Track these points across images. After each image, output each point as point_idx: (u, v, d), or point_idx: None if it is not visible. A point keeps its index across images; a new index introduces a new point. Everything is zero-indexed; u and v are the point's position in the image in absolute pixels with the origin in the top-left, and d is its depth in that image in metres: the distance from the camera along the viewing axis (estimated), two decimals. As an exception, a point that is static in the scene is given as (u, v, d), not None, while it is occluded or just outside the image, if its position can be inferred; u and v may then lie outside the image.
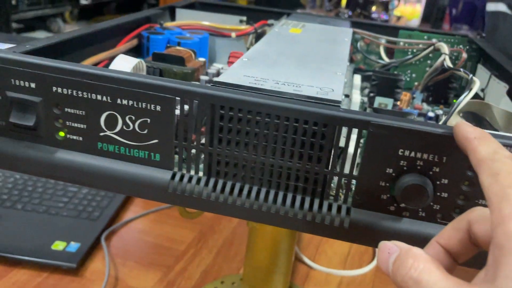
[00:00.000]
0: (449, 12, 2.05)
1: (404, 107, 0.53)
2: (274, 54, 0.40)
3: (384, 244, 0.22)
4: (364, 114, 0.27)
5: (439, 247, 0.23)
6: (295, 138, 0.28)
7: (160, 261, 0.72)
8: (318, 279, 0.71)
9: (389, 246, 0.22)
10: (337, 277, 0.72)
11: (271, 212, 0.30)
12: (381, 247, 0.22)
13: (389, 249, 0.22)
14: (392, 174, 0.28)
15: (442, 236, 0.23)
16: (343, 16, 1.48)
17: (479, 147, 0.22)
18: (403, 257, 0.21)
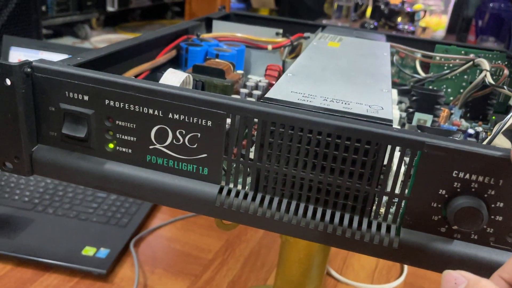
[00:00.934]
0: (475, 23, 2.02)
1: (442, 123, 0.52)
2: (317, 69, 0.40)
3: (449, 273, 0.21)
4: (418, 134, 0.27)
5: (502, 281, 0.22)
6: (346, 156, 0.28)
7: (188, 270, 0.72)
8: (345, 293, 0.71)
9: (455, 276, 0.21)
10: (364, 291, 0.71)
11: (318, 230, 0.30)
12: (446, 277, 0.22)
13: (455, 279, 0.21)
14: (445, 195, 0.27)
15: (505, 271, 0.22)
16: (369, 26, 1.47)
17: None
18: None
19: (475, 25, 2.05)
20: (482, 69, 0.51)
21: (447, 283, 0.22)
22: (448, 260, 0.28)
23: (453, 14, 2.08)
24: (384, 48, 0.52)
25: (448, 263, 0.28)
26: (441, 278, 0.22)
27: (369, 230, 0.29)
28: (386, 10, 1.65)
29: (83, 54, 0.36)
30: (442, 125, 0.51)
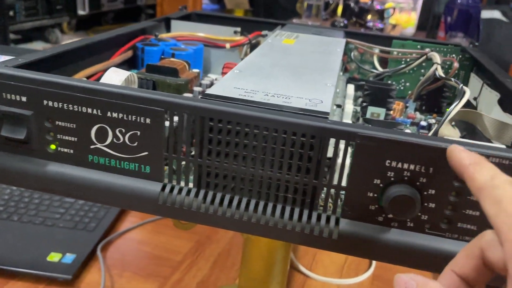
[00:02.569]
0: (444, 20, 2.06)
1: (397, 116, 0.53)
2: (266, 66, 0.40)
3: (399, 277, 0.22)
4: (351, 125, 0.27)
5: (454, 275, 0.22)
6: (284, 149, 0.28)
7: (157, 272, 0.71)
8: (315, 288, 0.71)
9: (405, 280, 0.21)
10: (333, 286, 0.72)
11: (260, 223, 0.30)
12: (396, 281, 0.22)
13: (405, 283, 0.21)
14: (380, 185, 0.28)
15: (456, 264, 0.23)
16: (339, 25, 1.48)
17: (476, 174, 0.22)
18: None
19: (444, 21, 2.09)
20: (434, 62, 0.52)
21: (398, 287, 0.22)
22: (386, 249, 0.29)
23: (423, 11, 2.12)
24: (338, 44, 0.53)
25: (386, 251, 0.29)
26: (393, 282, 0.22)
27: (309, 222, 0.29)
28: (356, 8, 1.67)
29: (26, 55, 0.35)
30: (397, 118, 0.52)
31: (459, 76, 0.62)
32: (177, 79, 0.45)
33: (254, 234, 0.30)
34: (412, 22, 1.86)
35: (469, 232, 0.28)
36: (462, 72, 0.61)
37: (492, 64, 0.53)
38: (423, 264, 0.29)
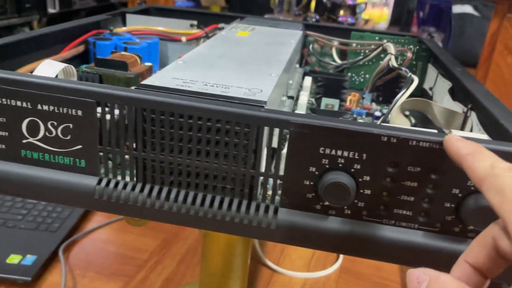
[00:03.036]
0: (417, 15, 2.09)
1: (354, 108, 0.53)
2: (214, 57, 0.40)
3: (412, 272, 0.21)
4: (284, 114, 0.27)
5: (467, 265, 0.22)
6: (220, 139, 0.28)
7: (121, 271, 0.70)
8: (281, 282, 0.71)
9: (417, 274, 0.21)
10: (300, 279, 0.72)
11: (198, 215, 0.29)
12: (409, 276, 0.21)
13: (417, 277, 0.21)
14: (315, 172, 0.28)
15: (469, 254, 0.22)
16: (311, 20, 1.49)
17: (475, 164, 0.21)
18: (433, 287, 0.20)
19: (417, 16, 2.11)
20: (388, 53, 0.52)
21: (411, 283, 0.21)
22: (325, 237, 0.29)
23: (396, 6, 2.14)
24: (293, 36, 0.53)
25: (325, 240, 0.29)
26: (406, 277, 0.22)
27: (248, 213, 0.29)
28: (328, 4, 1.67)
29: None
30: (353, 109, 0.52)
31: (417, 66, 0.62)
32: (127, 72, 0.44)
33: (193, 227, 0.30)
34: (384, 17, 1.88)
35: (405, 217, 0.28)
36: (420, 63, 0.62)
37: (445, 54, 0.54)
38: (361, 251, 0.29)
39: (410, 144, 0.26)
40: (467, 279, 0.22)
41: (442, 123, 0.43)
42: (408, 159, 0.26)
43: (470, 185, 0.26)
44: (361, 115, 0.51)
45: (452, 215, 0.27)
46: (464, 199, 0.26)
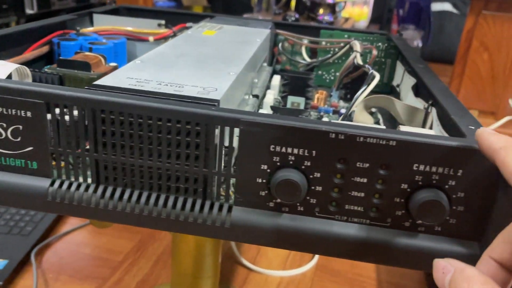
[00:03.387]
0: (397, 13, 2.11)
1: (321, 105, 0.53)
2: (173, 56, 0.39)
3: (438, 262, 0.21)
4: (234, 112, 0.27)
5: (492, 261, 0.22)
6: (171, 138, 0.28)
7: (95, 273, 0.70)
8: (257, 281, 0.71)
9: (443, 265, 0.21)
10: (276, 277, 0.72)
11: (152, 215, 0.29)
12: (435, 266, 0.21)
13: (443, 268, 0.21)
14: (267, 170, 0.28)
15: (494, 250, 0.22)
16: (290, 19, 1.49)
17: (507, 158, 0.21)
18: (457, 279, 0.20)
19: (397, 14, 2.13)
20: (354, 50, 0.53)
21: (436, 272, 0.21)
22: (279, 234, 0.29)
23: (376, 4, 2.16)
24: (260, 35, 0.53)
25: (279, 237, 0.29)
26: (432, 267, 0.22)
27: (202, 212, 0.29)
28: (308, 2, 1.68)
29: None
30: (321, 107, 0.53)
31: (386, 64, 0.63)
32: (90, 73, 0.43)
33: (147, 227, 0.29)
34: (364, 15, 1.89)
35: (357, 213, 0.28)
36: (389, 60, 0.62)
37: (410, 51, 0.54)
38: (314, 248, 0.29)
39: (357, 140, 0.26)
40: (492, 275, 0.22)
41: (404, 119, 0.43)
42: (356, 155, 0.26)
43: (418, 180, 0.26)
44: (328, 112, 0.51)
45: (402, 210, 0.27)
46: (412, 193, 0.27)
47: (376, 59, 0.63)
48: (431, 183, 0.26)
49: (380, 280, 0.73)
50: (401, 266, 0.28)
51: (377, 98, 0.45)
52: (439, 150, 0.26)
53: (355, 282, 0.72)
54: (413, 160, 0.26)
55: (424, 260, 0.28)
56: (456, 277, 0.20)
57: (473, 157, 0.25)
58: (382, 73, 0.64)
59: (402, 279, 0.73)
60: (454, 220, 0.27)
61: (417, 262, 0.28)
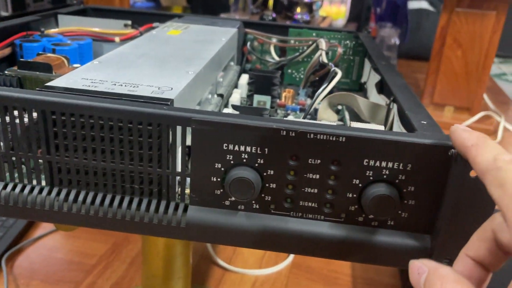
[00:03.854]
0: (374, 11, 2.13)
1: (289, 104, 0.53)
2: (133, 56, 0.39)
3: (412, 263, 0.21)
4: (185, 111, 0.27)
5: (468, 259, 0.22)
6: (123, 138, 0.28)
7: (68, 278, 0.69)
8: (233, 281, 0.71)
9: (417, 266, 0.21)
10: (252, 276, 0.72)
11: (108, 217, 0.29)
12: (410, 267, 0.21)
13: (418, 268, 0.21)
14: (221, 168, 0.28)
15: (470, 248, 0.22)
16: (267, 18, 1.49)
17: (478, 157, 0.21)
18: (431, 279, 0.20)
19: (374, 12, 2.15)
20: (319, 49, 0.53)
21: (412, 274, 0.21)
22: (235, 232, 0.29)
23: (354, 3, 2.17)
24: (225, 34, 0.53)
25: (235, 235, 0.29)
26: (408, 268, 0.22)
27: (157, 212, 0.29)
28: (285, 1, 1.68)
29: None
30: (288, 105, 0.53)
31: (354, 61, 0.63)
32: (51, 75, 0.43)
33: (103, 229, 0.29)
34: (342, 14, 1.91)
35: (311, 209, 0.28)
36: (357, 58, 0.63)
37: (375, 48, 0.55)
38: (271, 245, 0.29)
39: (308, 137, 0.26)
40: (469, 272, 0.22)
41: (367, 116, 0.44)
42: (307, 152, 0.27)
43: (369, 175, 0.27)
44: (295, 111, 0.51)
45: (355, 205, 0.28)
46: (364, 189, 0.27)
47: (345, 57, 0.63)
48: (382, 178, 0.27)
49: (355, 276, 0.74)
50: (356, 261, 0.29)
51: (340, 96, 0.45)
52: (388, 145, 0.26)
53: (330, 279, 0.73)
54: (363, 155, 0.26)
55: (378, 254, 0.28)
56: (430, 277, 0.20)
57: (421, 151, 0.26)
58: (351, 71, 0.64)
59: (376, 275, 0.74)
60: (406, 214, 0.28)
61: (371, 256, 0.28)
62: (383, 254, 0.28)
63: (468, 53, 1.28)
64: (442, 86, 1.34)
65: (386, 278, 0.74)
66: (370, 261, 0.28)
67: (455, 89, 1.34)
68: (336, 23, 1.91)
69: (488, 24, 1.23)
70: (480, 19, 1.25)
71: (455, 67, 1.33)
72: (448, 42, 1.31)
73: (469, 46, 1.28)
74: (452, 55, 1.32)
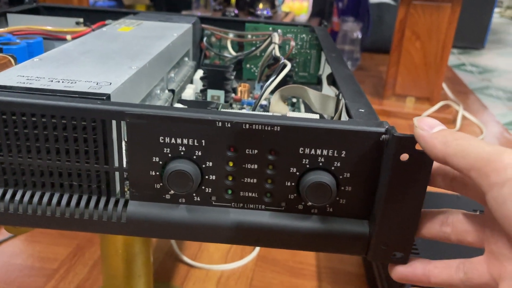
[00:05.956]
0: (337, 6, 2.15)
1: (244, 98, 0.54)
2: (77, 53, 0.38)
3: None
4: (119, 105, 0.27)
5: None
6: (58, 135, 0.27)
7: (28, 284, 0.67)
8: (198, 277, 0.71)
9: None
10: (217, 272, 0.72)
11: (46, 215, 0.28)
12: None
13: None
14: (159, 162, 0.27)
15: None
16: (230, 14, 1.49)
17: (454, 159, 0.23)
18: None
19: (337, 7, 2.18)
20: (272, 42, 0.53)
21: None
22: (177, 226, 0.29)
23: (315, -2, 2.19)
24: (178, 29, 0.52)
25: (177, 228, 0.29)
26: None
27: (97, 208, 0.28)
28: (248, -2, 1.68)
29: None
30: (244, 100, 0.53)
31: (311, 55, 0.64)
32: (-6, 74, 0.42)
33: (44, 227, 0.29)
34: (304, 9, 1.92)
35: (252, 200, 0.28)
36: (314, 51, 0.64)
37: (328, 41, 0.56)
38: (214, 237, 0.29)
39: (244, 127, 0.26)
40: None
41: (317, 107, 0.44)
42: (244, 142, 0.27)
43: (306, 163, 0.27)
44: (251, 105, 0.52)
45: (294, 193, 0.28)
46: (301, 177, 0.27)
47: (302, 50, 0.64)
48: (318, 166, 0.27)
49: (320, 266, 0.75)
50: (298, 249, 0.29)
51: (291, 88, 0.46)
52: (322, 133, 0.26)
53: (295, 270, 0.74)
54: (298, 144, 0.27)
55: (319, 241, 0.29)
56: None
57: (354, 138, 0.26)
58: (308, 65, 0.65)
59: (341, 264, 0.75)
60: (344, 201, 0.28)
61: (312, 243, 0.29)
62: (323, 240, 0.29)
63: (426, 44, 1.31)
64: (403, 78, 1.37)
65: (350, 267, 0.75)
66: (311, 248, 0.29)
67: (415, 80, 1.37)
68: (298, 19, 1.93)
69: (444, 15, 1.27)
70: (436, 11, 1.28)
71: (414, 59, 1.36)
72: (407, 34, 1.33)
73: (427, 37, 1.31)
74: (411, 47, 1.35)
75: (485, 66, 2.17)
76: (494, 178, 0.20)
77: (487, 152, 0.20)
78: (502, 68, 2.16)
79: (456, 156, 0.22)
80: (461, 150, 0.21)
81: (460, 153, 0.21)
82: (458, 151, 0.21)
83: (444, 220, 0.27)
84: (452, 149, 0.22)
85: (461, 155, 0.21)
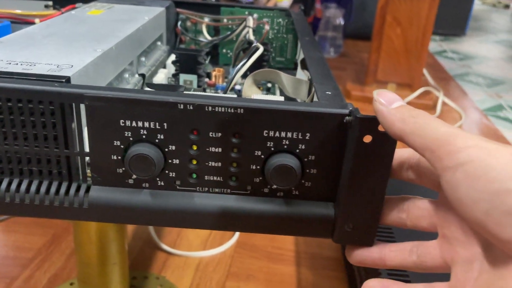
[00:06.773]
0: (320, -8, 2.14)
1: (219, 83, 0.53)
2: (41, 36, 0.37)
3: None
4: (77, 87, 0.26)
5: None
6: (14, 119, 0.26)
7: (2, 273, 0.66)
8: (176, 264, 0.71)
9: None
10: (196, 259, 0.72)
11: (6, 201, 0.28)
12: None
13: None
14: (120, 146, 0.27)
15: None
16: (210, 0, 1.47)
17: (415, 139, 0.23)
18: None
19: (320, -7, 2.16)
20: (246, 26, 0.53)
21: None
22: (140, 211, 0.28)
23: (300, -15, 2.17)
24: (150, 13, 0.51)
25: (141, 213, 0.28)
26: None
27: (58, 194, 0.28)
28: (230, -16, 1.66)
29: None
30: (218, 84, 0.52)
31: (287, 40, 0.63)
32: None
33: (4, 214, 0.28)
34: (288, -5, 1.90)
35: (217, 183, 0.28)
36: (290, 35, 0.63)
37: (302, 25, 0.55)
38: (180, 222, 0.28)
39: (206, 110, 0.26)
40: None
41: (290, 91, 0.44)
42: (208, 125, 0.26)
43: (270, 146, 0.27)
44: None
45: (259, 176, 0.28)
46: (266, 160, 0.27)
47: (279, 35, 0.63)
48: (283, 149, 0.27)
49: (298, 251, 0.75)
50: (264, 233, 0.29)
51: (264, 72, 0.45)
52: (286, 115, 0.26)
53: (274, 255, 0.74)
54: (262, 127, 0.26)
55: (285, 224, 0.28)
56: None
57: (318, 120, 0.26)
58: (285, 49, 0.64)
59: (319, 249, 0.76)
60: (309, 183, 0.28)
61: (279, 226, 0.28)
62: (289, 223, 0.28)
63: (407, 30, 1.32)
64: (384, 64, 1.37)
65: (328, 252, 0.76)
66: (278, 231, 0.29)
67: (396, 66, 1.38)
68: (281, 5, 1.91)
69: (425, 1, 1.27)
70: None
71: (395, 45, 1.37)
72: (388, 20, 1.33)
73: (407, 24, 1.31)
74: (392, 33, 1.35)
75: (466, 53, 2.19)
76: (447, 162, 0.20)
77: (442, 133, 0.20)
78: (483, 54, 2.18)
79: (412, 134, 0.21)
80: (418, 128, 0.21)
81: (417, 131, 0.21)
82: (414, 130, 0.21)
83: (401, 206, 0.27)
84: (409, 127, 0.22)
85: (417, 133, 0.21)
